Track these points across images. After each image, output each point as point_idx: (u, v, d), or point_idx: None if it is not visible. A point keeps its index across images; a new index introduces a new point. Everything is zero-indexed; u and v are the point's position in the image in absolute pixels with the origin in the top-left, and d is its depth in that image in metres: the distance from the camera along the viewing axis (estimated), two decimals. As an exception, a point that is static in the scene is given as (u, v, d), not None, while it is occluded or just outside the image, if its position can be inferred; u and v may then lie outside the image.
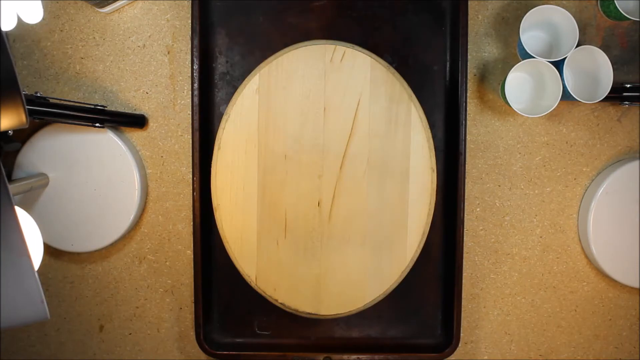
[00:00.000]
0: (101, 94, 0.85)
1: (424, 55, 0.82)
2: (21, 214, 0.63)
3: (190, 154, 0.82)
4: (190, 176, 0.84)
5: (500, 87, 0.81)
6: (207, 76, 0.82)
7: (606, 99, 0.76)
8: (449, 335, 0.82)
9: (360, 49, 0.77)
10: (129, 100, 0.85)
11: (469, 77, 0.84)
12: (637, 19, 0.76)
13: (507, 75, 0.77)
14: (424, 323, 0.86)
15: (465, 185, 0.83)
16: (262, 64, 0.77)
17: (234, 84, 0.83)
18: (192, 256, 0.83)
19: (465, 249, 0.85)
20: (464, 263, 0.84)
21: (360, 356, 0.83)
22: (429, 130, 0.77)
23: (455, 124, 0.80)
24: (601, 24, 0.83)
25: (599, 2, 0.82)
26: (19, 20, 0.68)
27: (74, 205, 0.83)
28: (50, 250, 0.86)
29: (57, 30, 0.84)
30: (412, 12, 0.82)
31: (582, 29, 0.82)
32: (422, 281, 0.85)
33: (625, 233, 0.83)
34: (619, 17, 0.78)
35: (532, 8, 0.76)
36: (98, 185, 0.83)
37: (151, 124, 0.86)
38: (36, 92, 0.77)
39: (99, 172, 0.83)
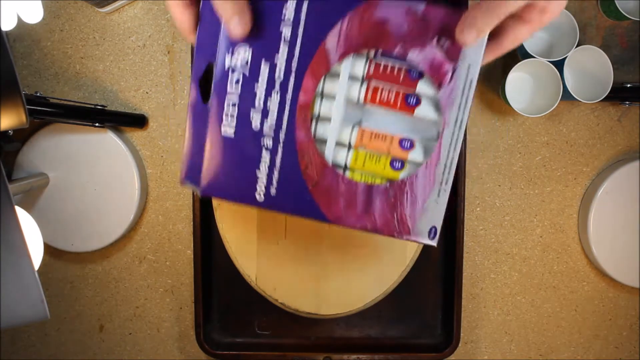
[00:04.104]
0: (101, 94, 0.85)
1: (424, 55, 0.82)
2: (21, 214, 0.63)
3: (190, 154, 0.82)
4: (190, 176, 0.84)
5: (500, 87, 0.81)
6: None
7: (606, 99, 0.76)
8: (449, 335, 0.82)
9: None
10: (129, 100, 0.85)
11: (469, 77, 0.83)
12: (637, 19, 0.76)
13: (507, 75, 0.77)
14: (424, 323, 0.86)
15: (465, 185, 0.83)
16: (262, 64, 0.77)
17: (234, 84, 0.83)
18: (192, 256, 0.83)
19: (465, 249, 0.85)
20: (464, 263, 0.84)
21: (360, 356, 0.83)
22: (429, 130, 0.77)
23: (455, 124, 0.80)
24: (601, 24, 0.83)
25: (599, 2, 0.82)
26: (19, 20, 0.68)
27: (74, 205, 0.83)
28: (50, 250, 0.86)
29: (57, 30, 0.84)
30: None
31: (582, 29, 0.82)
32: (422, 281, 0.85)
33: (625, 233, 0.84)
34: (619, 17, 0.78)
35: (532, 8, 0.75)
36: (98, 185, 0.83)
37: (151, 123, 0.86)
38: (36, 92, 0.77)
39: (99, 172, 0.83)
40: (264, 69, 0.43)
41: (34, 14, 0.68)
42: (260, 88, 0.44)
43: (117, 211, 0.84)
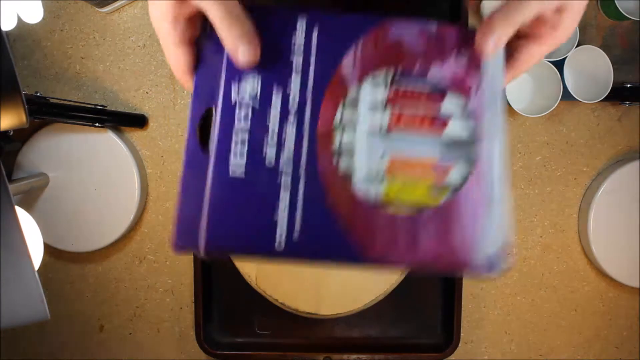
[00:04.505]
0: (101, 94, 0.85)
1: (424, 55, 0.82)
2: (21, 214, 0.63)
3: (190, 154, 0.82)
4: (190, 176, 0.84)
5: (500, 87, 0.81)
6: (207, 76, 0.82)
7: (606, 98, 0.76)
8: (449, 334, 0.82)
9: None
10: (129, 100, 0.85)
11: (469, 77, 0.83)
12: (637, 19, 0.76)
13: (507, 75, 0.77)
14: (424, 323, 0.86)
15: (465, 185, 0.83)
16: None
17: (234, 84, 0.83)
18: (192, 256, 0.83)
19: (465, 249, 0.85)
20: (464, 263, 0.84)
21: (360, 356, 0.83)
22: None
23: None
24: (601, 24, 0.83)
25: (599, 2, 0.82)
26: (19, 20, 0.68)
27: (74, 205, 0.83)
28: (50, 250, 0.86)
29: (57, 30, 0.84)
30: (411, 13, 0.82)
31: (582, 29, 0.82)
32: (422, 281, 0.85)
33: (625, 233, 0.83)
34: (619, 17, 0.78)
35: (532, 8, 0.75)
36: (98, 185, 0.83)
37: (151, 123, 0.86)
38: (36, 92, 0.77)
39: (99, 172, 0.83)
40: (276, 100, 0.39)
41: (34, 14, 0.68)
42: (273, 120, 0.39)
43: (117, 211, 0.84)
